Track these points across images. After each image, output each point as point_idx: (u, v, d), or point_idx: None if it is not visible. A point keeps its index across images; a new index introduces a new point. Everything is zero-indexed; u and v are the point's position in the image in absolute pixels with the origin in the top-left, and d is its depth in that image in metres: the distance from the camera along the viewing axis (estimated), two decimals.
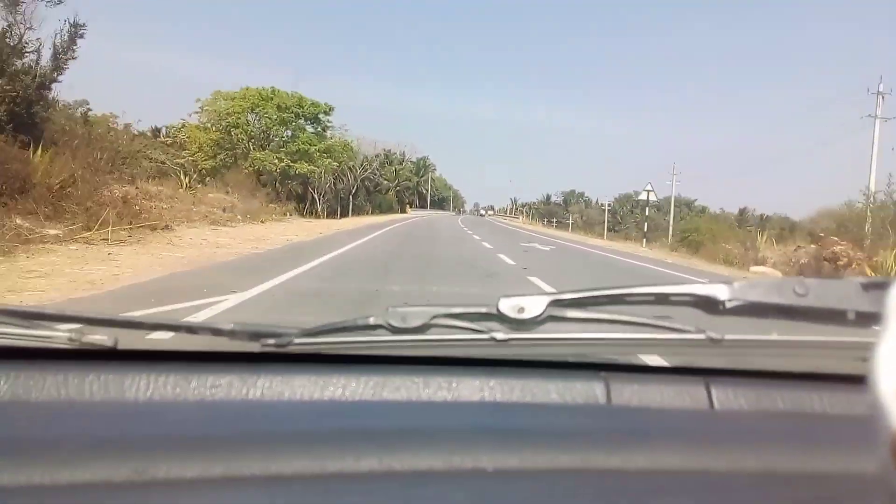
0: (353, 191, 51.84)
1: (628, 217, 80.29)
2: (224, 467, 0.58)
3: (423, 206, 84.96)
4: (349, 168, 48.77)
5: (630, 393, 0.91)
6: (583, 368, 0.95)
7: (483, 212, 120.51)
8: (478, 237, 24.07)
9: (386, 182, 67.79)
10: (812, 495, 0.62)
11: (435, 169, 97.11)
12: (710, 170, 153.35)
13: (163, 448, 0.61)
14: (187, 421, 0.74)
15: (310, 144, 38.83)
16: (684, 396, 0.91)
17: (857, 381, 0.89)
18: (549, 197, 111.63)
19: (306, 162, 38.00)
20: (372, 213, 53.36)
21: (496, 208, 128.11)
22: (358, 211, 51.16)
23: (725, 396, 0.91)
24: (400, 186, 74.16)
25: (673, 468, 0.64)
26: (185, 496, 0.55)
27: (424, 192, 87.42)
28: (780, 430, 0.79)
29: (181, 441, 0.64)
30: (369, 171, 56.88)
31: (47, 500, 0.53)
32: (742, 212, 70.88)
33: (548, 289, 8.03)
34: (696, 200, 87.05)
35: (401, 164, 79.19)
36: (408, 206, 72.44)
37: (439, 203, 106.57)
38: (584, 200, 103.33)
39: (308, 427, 0.73)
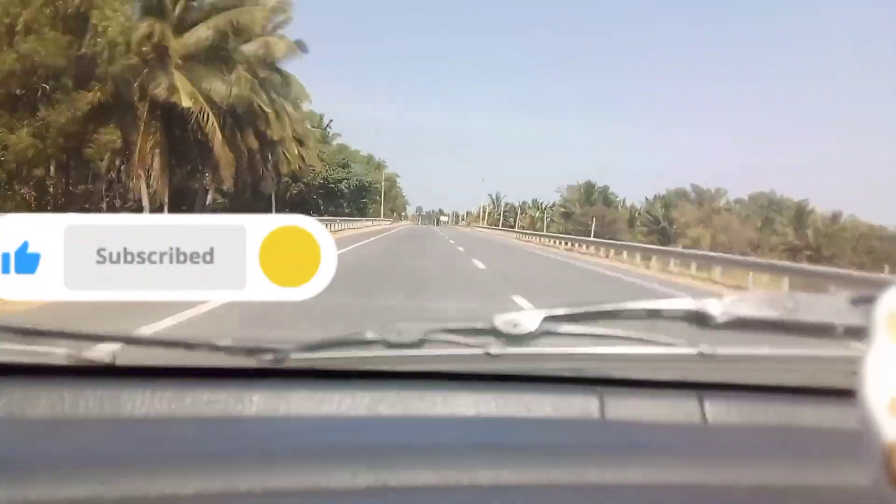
0: None
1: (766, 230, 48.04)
2: (221, 483, 0.58)
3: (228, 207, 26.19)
4: None
5: (624, 407, 0.91)
6: (577, 383, 0.95)
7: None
8: None
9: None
10: None
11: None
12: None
13: (159, 464, 0.61)
14: (184, 437, 0.75)
15: None
16: (677, 411, 0.91)
17: (848, 394, 0.90)
18: (590, 188, 64.80)
19: None
20: None
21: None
22: None
23: (718, 410, 0.92)
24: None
25: (667, 482, 0.65)
26: None
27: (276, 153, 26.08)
28: (773, 444, 0.80)
29: (178, 457, 0.64)
30: None
31: None
32: None
33: None
34: (807, 199, 54.61)
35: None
36: None
37: (354, 200, 50.88)
38: (609, 197, 66.83)
39: (304, 443, 0.73)
